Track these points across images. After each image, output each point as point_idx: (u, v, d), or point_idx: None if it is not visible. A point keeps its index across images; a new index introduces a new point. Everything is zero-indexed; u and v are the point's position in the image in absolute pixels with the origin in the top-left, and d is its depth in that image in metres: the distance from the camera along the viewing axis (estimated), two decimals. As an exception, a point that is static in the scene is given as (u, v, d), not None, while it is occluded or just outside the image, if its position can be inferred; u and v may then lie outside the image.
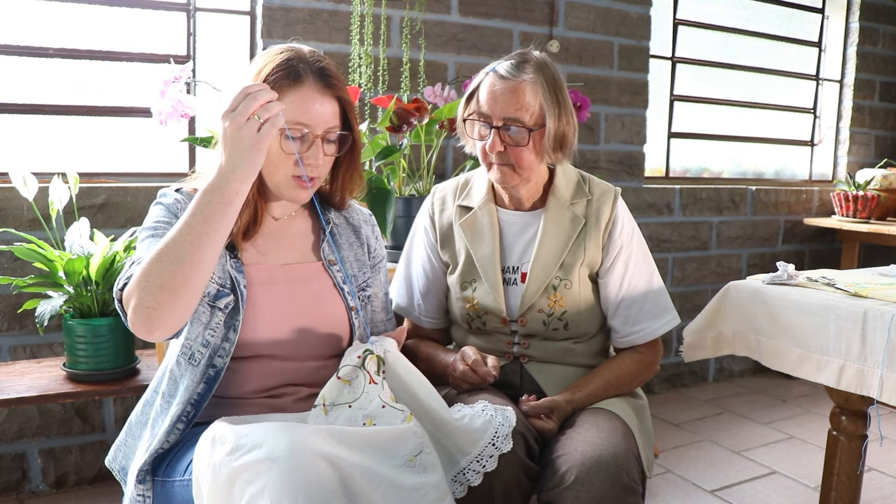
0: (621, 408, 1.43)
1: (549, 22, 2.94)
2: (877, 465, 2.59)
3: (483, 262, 1.49)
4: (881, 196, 3.49)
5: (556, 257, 1.47)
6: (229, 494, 1.00)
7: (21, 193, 1.81)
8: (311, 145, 1.22)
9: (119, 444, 1.33)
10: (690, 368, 3.52)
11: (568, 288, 1.47)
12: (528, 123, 1.39)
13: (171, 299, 1.06)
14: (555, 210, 1.49)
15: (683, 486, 2.42)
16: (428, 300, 1.60)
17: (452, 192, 1.59)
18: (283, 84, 1.19)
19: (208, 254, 1.07)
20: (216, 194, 1.06)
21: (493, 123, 1.39)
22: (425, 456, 1.09)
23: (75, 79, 2.32)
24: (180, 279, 1.05)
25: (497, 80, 1.40)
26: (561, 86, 1.43)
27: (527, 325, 1.48)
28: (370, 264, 1.44)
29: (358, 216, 1.46)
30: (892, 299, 1.46)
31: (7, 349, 2.16)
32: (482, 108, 1.41)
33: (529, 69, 1.39)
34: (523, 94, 1.38)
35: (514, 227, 1.52)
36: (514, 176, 1.44)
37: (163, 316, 1.07)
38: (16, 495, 2.21)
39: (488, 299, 1.48)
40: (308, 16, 2.47)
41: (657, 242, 3.34)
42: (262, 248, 1.30)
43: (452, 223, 1.55)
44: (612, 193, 1.52)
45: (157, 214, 1.24)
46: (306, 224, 1.39)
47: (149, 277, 1.05)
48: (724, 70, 3.63)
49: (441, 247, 1.57)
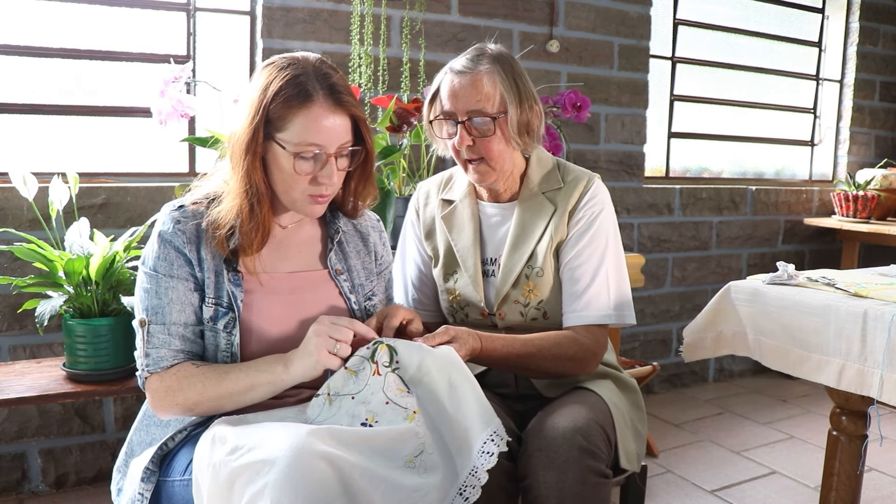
0: (605, 386, 1.44)
1: (549, 22, 2.94)
2: (877, 465, 2.59)
3: (463, 253, 1.51)
4: (881, 196, 3.49)
5: (526, 247, 1.47)
6: (229, 494, 1.00)
7: (21, 193, 1.81)
8: (325, 165, 1.20)
9: (119, 465, 1.33)
10: (690, 368, 3.52)
11: (540, 276, 1.47)
12: (490, 112, 1.40)
13: (192, 415, 1.22)
14: (527, 200, 1.51)
15: (683, 486, 2.42)
16: (423, 293, 1.62)
17: (436, 187, 1.62)
18: (293, 104, 1.16)
19: (239, 405, 1.19)
20: (269, 388, 1.18)
21: (458, 119, 1.41)
22: (426, 456, 1.09)
23: (75, 79, 2.32)
24: (207, 412, 1.20)
25: (455, 76, 1.42)
26: (520, 73, 1.44)
27: (505, 317, 1.49)
28: (377, 271, 1.43)
29: (366, 223, 1.44)
30: (892, 299, 1.46)
31: (7, 349, 2.16)
32: (445, 106, 1.43)
33: (485, 61, 1.42)
34: (481, 85, 1.39)
35: (493, 220, 1.54)
36: (490, 172, 1.46)
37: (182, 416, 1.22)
38: (16, 495, 2.21)
39: (468, 290, 1.50)
40: (308, 16, 2.47)
41: (657, 242, 3.34)
42: (269, 256, 1.29)
43: (435, 217, 1.58)
44: (584, 179, 1.50)
45: (155, 255, 1.22)
46: (314, 231, 1.37)
47: (186, 399, 1.18)
48: (724, 70, 3.63)
49: (425, 239, 1.60)
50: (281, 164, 1.19)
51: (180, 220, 1.23)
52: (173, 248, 1.21)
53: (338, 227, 1.38)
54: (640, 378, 2.58)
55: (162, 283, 1.20)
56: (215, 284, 1.22)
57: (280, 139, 1.18)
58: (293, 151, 1.17)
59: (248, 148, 1.17)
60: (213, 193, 1.26)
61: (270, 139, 1.19)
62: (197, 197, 1.27)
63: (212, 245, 1.22)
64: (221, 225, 1.20)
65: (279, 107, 1.16)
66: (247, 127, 1.17)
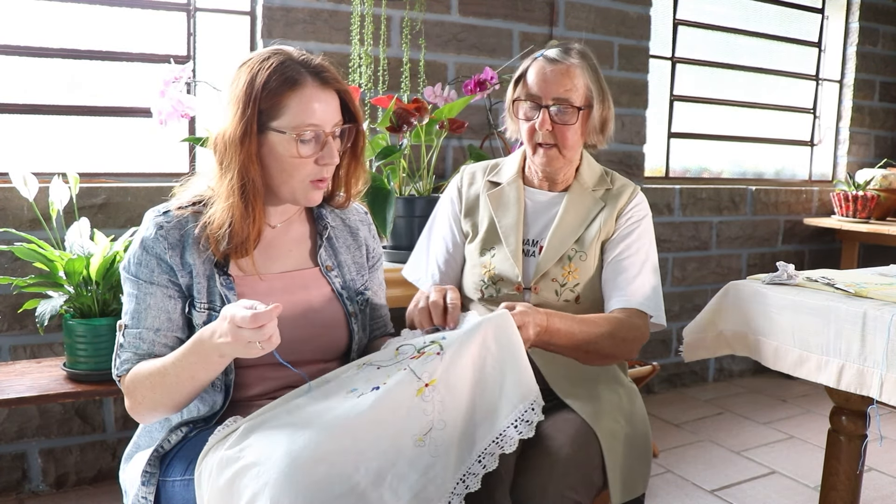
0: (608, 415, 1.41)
1: (549, 22, 2.94)
2: (877, 465, 2.59)
3: (506, 230, 1.56)
4: (881, 196, 3.49)
5: (574, 231, 1.54)
6: (229, 494, 1.00)
7: (21, 193, 1.81)
8: (325, 145, 1.21)
9: (123, 466, 1.33)
10: (690, 368, 3.52)
11: (583, 260, 1.53)
12: (576, 103, 1.48)
13: (166, 414, 1.23)
14: (578, 193, 1.58)
15: (683, 486, 2.42)
16: (445, 273, 1.64)
17: (482, 170, 1.67)
18: (284, 90, 1.17)
19: (195, 393, 1.18)
20: (200, 359, 1.13)
21: (543, 103, 1.48)
22: (437, 433, 1.05)
23: (75, 79, 2.32)
24: (173, 407, 1.20)
25: (546, 63, 1.50)
26: (601, 74, 1.54)
27: (540, 293, 1.52)
28: (368, 265, 1.43)
29: (354, 217, 1.44)
30: (892, 299, 1.46)
31: (7, 349, 2.16)
32: (531, 89, 1.50)
33: (576, 55, 1.51)
34: (573, 76, 1.48)
35: (539, 206, 1.60)
36: (558, 158, 1.52)
37: (158, 418, 1.25)
38: (16, 495, 2.21)
39: (506, 265, 1.53)
40: (308, 16, 2.47)
41: (657, 242, 3.33)
42: (260, 258, 1.28)
43: (479, 195, 1.63)
44: (631, 187, 1.61)
45: (136, 259, 1.22)
46: (303, 229, 1.36)
47: (145, 399, 1.18)
48: (723, 70, 3.63)
49: (464, 216, 1.63)
50: (280, 152, 1.19)
51: (163, 225, 1.22)
52: (154, 256, 1.20)
53: (326, 222, 1.37)
54: (640, 378, 2.58)
55: (142, 289, 1.21)
56: (207, 289, 1.22)
57: (277, 127, 1.18)
58: (295, 135, 1.17)
59: (242, 143, 1.16)
60: (200, 197, 1.25)
61: (265, 130, 1.18)
62: (182, 202, 1.26)
63: (202, 249, 1.22)
64: (215, 227, 1.19)
65: (270, 95, 1.17)
66: (237, 123, 1.17)
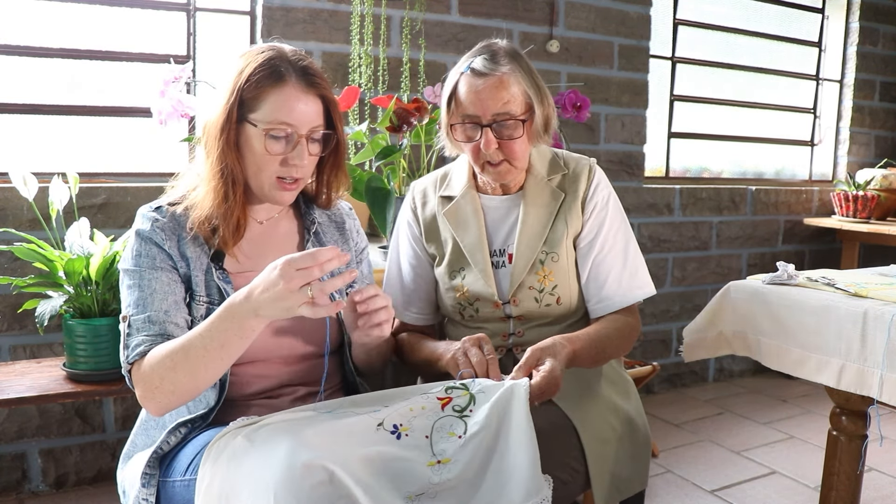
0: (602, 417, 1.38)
1: (549, 22, 2.94)
2: (877, 465, 2.59)
3: (471, 249, 1.49)
4: (881, 196, 3.49)
5: (540, 233, 1.47)
6: (230, 495, 1.00)
7: (21, 193, 1.81)
8: (296, 146, 1.21)
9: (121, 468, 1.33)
10: (690, 368, 3.52)
11: (555, 261, 1.47)
12: (518, 115, 1.38)
13: (183, 400, 1.15)
14: (533, 188, 1.50)
15: (683, 486, 2.42)
16: (417, 294, 1.58)
17: (433, 185, 1.59)
18: (266, 84, 1.18)
19: (220, 370, 1.12)
20: (234, 324, 1.07)
21: (483, 122, 1.37)
22: (426, 500, 1.05)
23: (75, 79, 2.32)
24: (192, 389, 1.13)
25: (475, 77, 1.37)
26: (534, 70, 1.43)
27: (520, 304, 1.47)
28: (356, 260, 1.44)
29: (339, 212, 1.45)
30: (892, 299, 1.46)
31: (7, 349, 2.16)
32: (467, 109, 1.38)
33: (504, 60, 1.38)
34: (508, 86, 1.36)
35: (498, 212, 1.53)
36: (511, 171, 1.44)
37: (173, 407, 1.15)
38: (16, 495, 2.21)
39: (478, 284, 1.47)
40: (308, 16, 2.47)
41: (657, 242, 3.34)
42: (249, 254, 1.29)
43: (436, 214, 1.55)
44: (586, 164, 1.52)
45: (135, 252, 1.22)
46: (291, 225, 1.38)
47: (163, 381, 1.11)
48: (724, 70, 3.63)
49: (426, 240, 1.56)
50: (252, 145, 1.20)
51: (158, 218, 1.23)
52: (154, 244, 1.21)
53: (313, 218, 1.39)
54: (640, 378, 2.58)
55: (145, 276, 1.20)
56: (205, 283, 1.23)
57: (252, 119, 1.19)
58: (264, 129, 1.18)
59: (223, 129, 1.19)
60: (190, 190, 1.27)
61: (244, 121, 1.20)
62: (173, 198, 1.28)
63: (197, 243, 1.23)
64: (199, 211, 1.21)
65: (252, 87, 1.18)
66: (221, 108, 1.19)
